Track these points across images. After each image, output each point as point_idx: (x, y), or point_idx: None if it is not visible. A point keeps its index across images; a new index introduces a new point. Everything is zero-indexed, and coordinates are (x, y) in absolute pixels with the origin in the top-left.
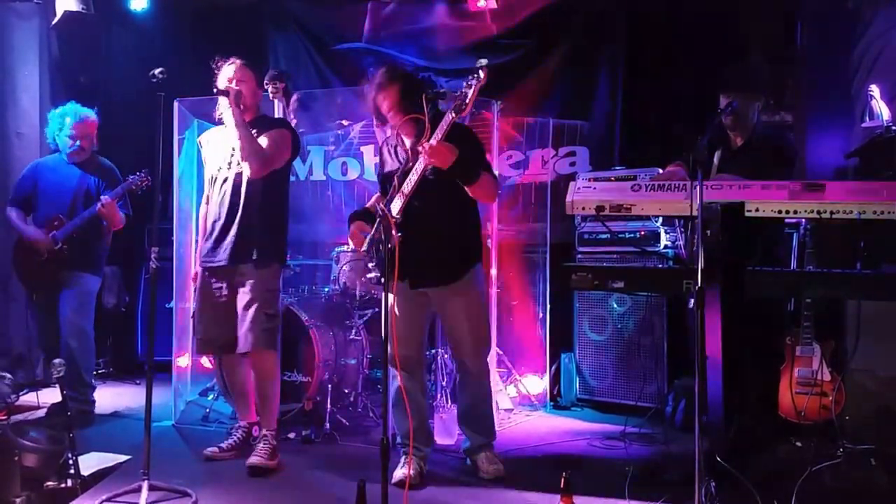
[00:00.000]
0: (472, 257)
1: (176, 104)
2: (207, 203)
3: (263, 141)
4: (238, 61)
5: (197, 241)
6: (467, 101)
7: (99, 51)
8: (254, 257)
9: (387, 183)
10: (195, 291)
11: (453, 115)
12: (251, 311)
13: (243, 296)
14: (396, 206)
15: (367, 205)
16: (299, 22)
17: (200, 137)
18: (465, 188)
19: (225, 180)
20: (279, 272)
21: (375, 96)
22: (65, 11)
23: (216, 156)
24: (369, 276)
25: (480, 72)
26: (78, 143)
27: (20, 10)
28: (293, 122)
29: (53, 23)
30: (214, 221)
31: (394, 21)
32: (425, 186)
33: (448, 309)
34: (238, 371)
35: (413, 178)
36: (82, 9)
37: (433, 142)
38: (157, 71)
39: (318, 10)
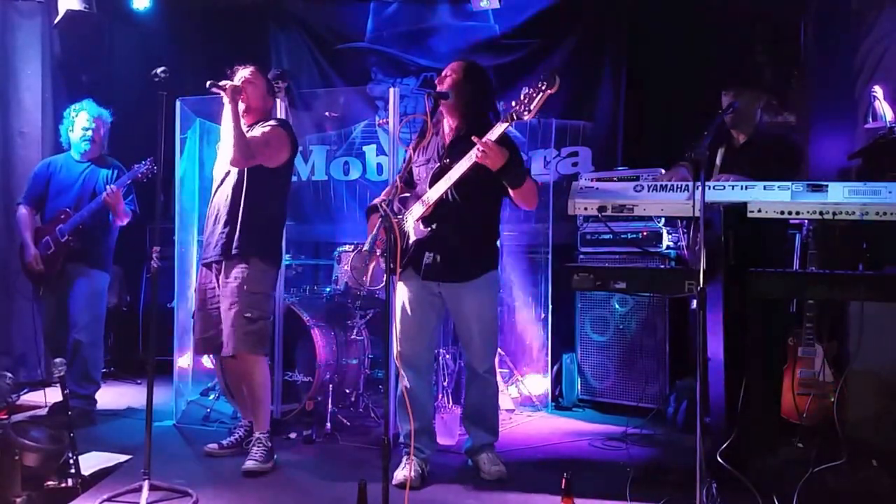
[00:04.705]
0: (491, 262)
1: (178, 103)
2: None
3: (253, 133)
4: (253, 67)
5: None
6: (532, 106)
7: (101, 50)
8: (235, 253)
9: (412, 176)
10: (195, 290)
11: (513, 118)
12: (231, 313)
13: (224, 297)
14: (421, 204)
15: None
16: (302, 21)
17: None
18: (511, 192)
19: (224, 176)
20: (270, 275)
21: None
22: (67, 10)
23: (221, 154)
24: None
25: (555, 78)
26: (90, 135)
27: (23, 9)
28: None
29: (56, 21)
30: (210, 217)
31: (396, 21)
32: (463, 185)
33: (461, 308)
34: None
35: (455, 174)
36: (85, 7)
37: (488, 142)
38: (159, 70)
39: (321, 10)
